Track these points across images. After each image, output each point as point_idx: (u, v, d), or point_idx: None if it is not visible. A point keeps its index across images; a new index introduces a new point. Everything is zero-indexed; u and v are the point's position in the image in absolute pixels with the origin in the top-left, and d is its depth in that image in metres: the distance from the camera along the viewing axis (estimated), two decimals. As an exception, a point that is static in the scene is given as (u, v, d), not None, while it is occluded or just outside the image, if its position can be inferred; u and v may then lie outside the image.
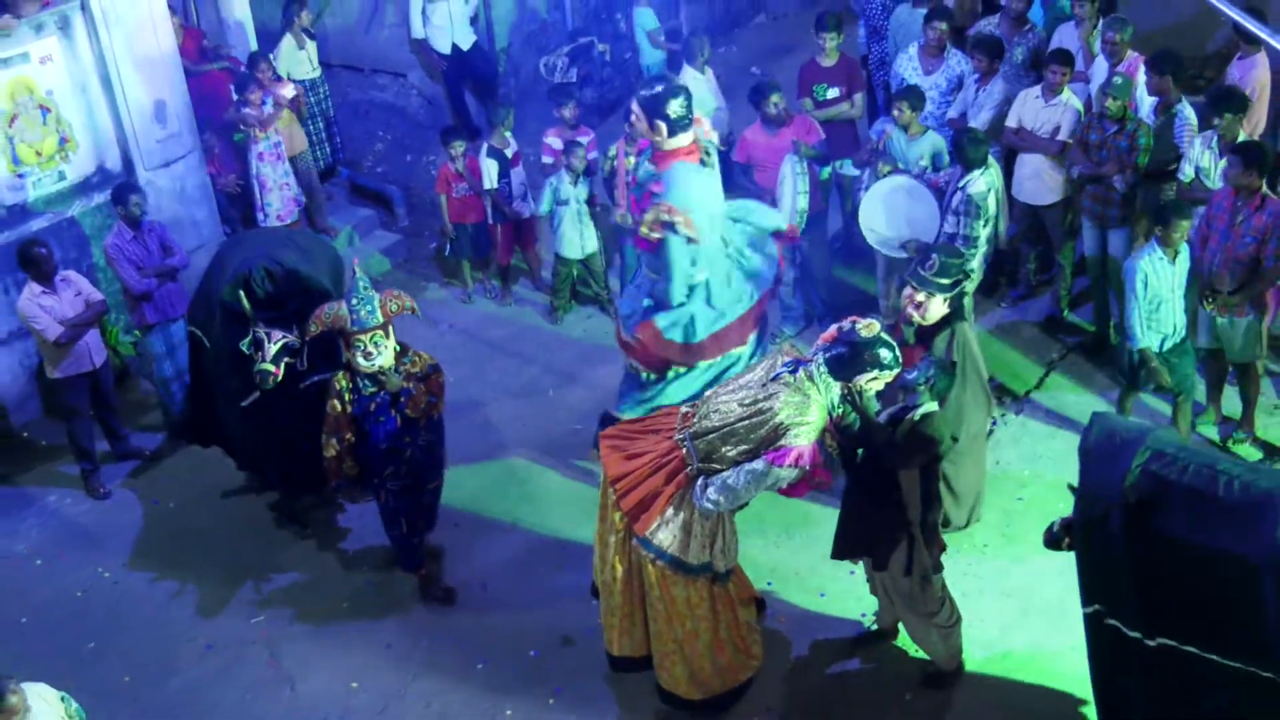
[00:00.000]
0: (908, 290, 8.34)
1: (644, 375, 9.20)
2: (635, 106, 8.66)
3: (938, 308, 8.22)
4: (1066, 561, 6.91)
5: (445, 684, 8.43)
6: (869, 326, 7.16)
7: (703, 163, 8.80)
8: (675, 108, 8.48)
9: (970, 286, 8.76)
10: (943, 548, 7.57)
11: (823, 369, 7.14)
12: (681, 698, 7.88)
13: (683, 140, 8.63)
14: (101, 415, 10.36)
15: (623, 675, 8.21)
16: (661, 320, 8.90)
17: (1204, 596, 6.35)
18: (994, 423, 8.69)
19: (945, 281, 8.15)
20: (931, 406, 7.36)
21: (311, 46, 12.75)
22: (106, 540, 9.88)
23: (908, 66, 11.06)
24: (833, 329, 7.33)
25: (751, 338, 9.19)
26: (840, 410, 7.27)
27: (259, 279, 8.75)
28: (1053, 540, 6.96)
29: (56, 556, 9.77)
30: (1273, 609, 6.01)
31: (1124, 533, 6.36)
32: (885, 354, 7.10)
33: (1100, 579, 6.66)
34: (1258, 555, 5.97)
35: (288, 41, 12.59)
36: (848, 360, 7.09)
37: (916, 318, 8.29)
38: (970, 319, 8.60)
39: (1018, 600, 8.37)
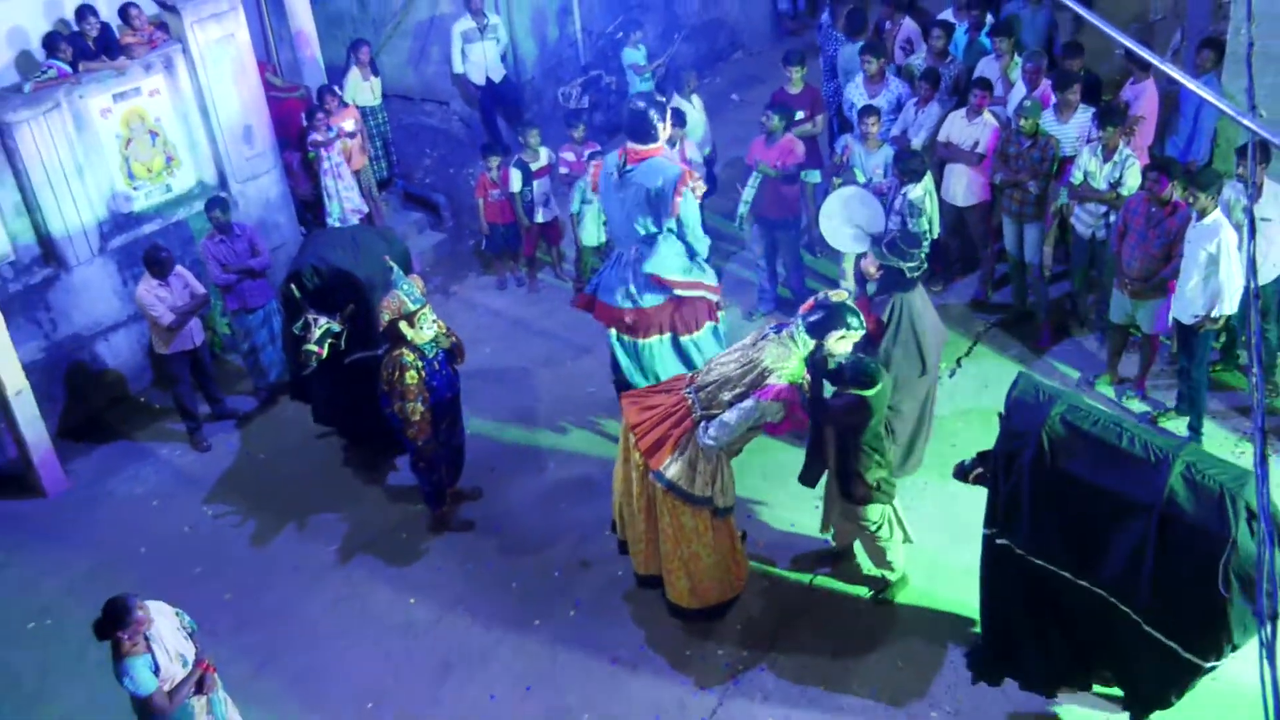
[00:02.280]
0: (868, 261, 8.67)
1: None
2: (659, 117, 8.64)
3: (874, 269, 8.54)
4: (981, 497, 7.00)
5: (486, 599, 8.51)
6: (838, 295, 7.48)
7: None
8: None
9: (915, 273, 8.81)
10: (874, 486, 7.60)
11: (801, 329, 7.39)
12: (684, 608, 8.00)
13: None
14: (201, 383, 10.42)
15: (631, 594, 8.33)
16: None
17: (1093, 531, 6.42)
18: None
19: (889, 256, 8.39)
20: (871, 391, 7.32)
21: (376, 81, 12.74)
22: (209, 485, 9.94)
23: (855, 92, 11.09)
24: (810, 300, 7.57)
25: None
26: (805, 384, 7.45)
27: (308, 274, 8.98)
28: (961, 474, 7.14)
29: (169, 498, 9.84)
30: (1151, 547, 6.11)
31: (1033, 467, 6.45)
32: (851, 318, 7.34)
33: (1005, 506, 6.74)
34: (1149, 500, 6.05)
35: (354, 74, 12.58)
36: (823, 321, 7.32)
37: (870, 272, 8.57)
38: (919, 293, 8.63)
39: (950, 529, 8.41)
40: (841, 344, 7.39)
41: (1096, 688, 7.18)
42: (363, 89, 12.59)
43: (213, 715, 6.78)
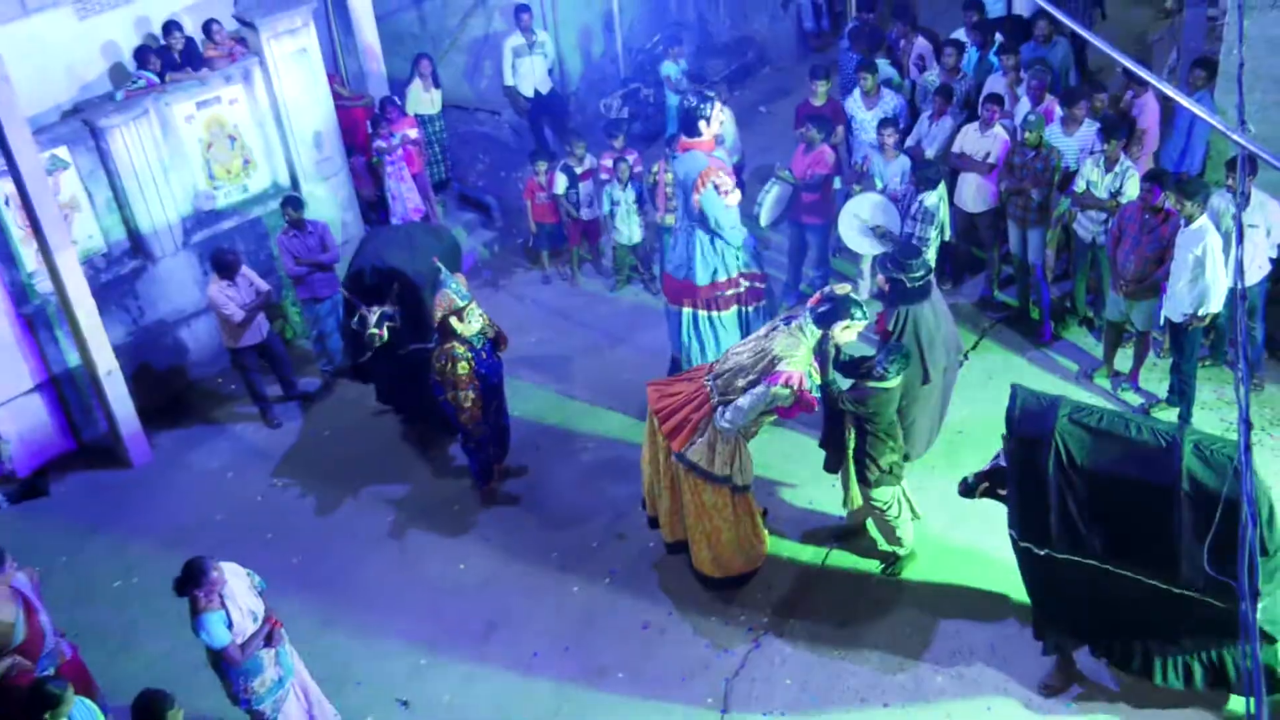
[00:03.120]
0: (880, 275, 8.54)
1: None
2: (706, 114, 8.88)
3: (881, 281, 8.42)
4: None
5: (529, 566, 8.56)
6: (841, 287, 7.47)
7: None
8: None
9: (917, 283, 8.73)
10: (888, 469, 7.59)
11: (809, 320, 7.37)
12: (707, 575, 8.01)
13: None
14: (275, 368, 10.44)
15: (661, 563, 8.34)
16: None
17: (1121, 519, 6.30)
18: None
19: (892, 272, 8.26)
20: (887, 384, 7.33)
21: (436, 92, 12.73)
22: (279, 459, 10.01)
23: (854, 105, 11.03)
24: (817, 294, 7.57)
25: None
26: (819, 379, 7.42)
27: (368, 273, 9.11)
28: (967, 490, 7.02)
29: (242, 470, 9.91)
30: (1180, 526, 6.01)
31: (1054, 469, 6.32)
32: (855, 310, 7.33)
33: (1022, 510, 6.62)
34: (1168, 482, 5.97)
35: (415, 85, 12.58)
36: (828, 312, 7.32)
37: (883, 286, 8.43)
38: (933, 297, 8.46)
39: (957, 508, 8.35)
40: (846, 334, 7.40)
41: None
42: (423, 99, 12.62)
43: (280, 665, 6.84)
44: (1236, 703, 6.73)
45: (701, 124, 8.87)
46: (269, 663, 6.76)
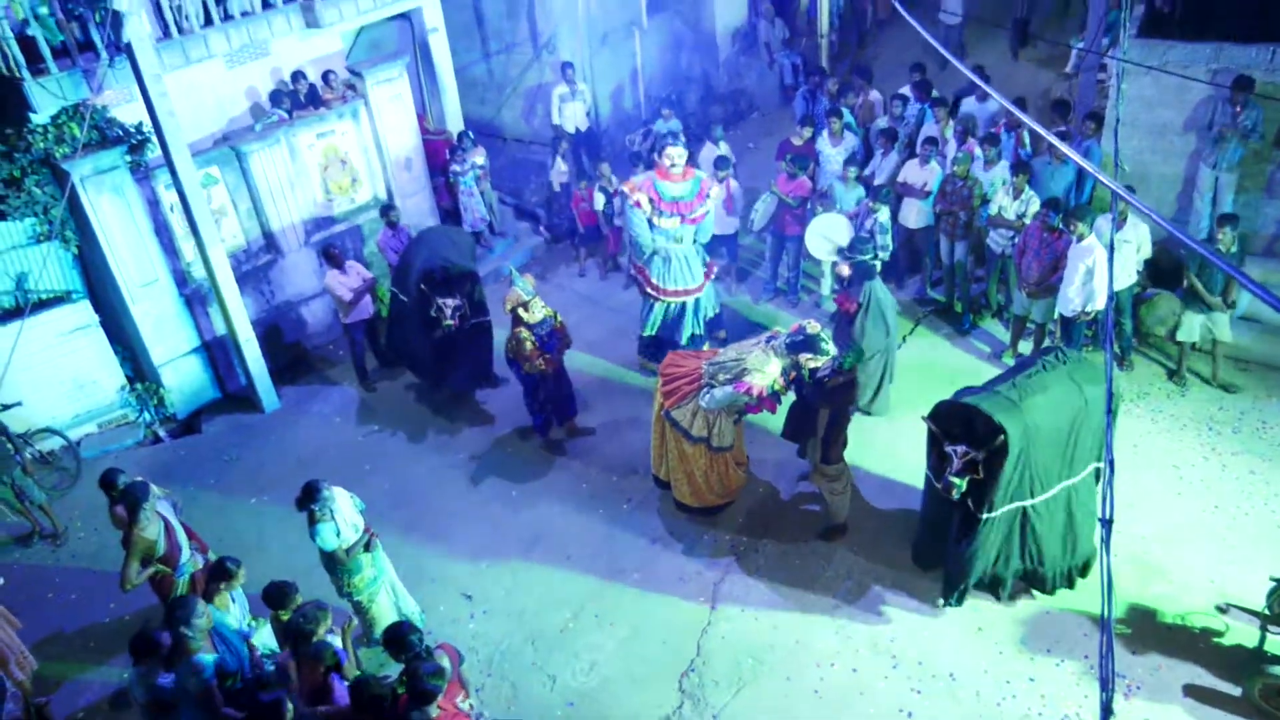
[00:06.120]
0: (842, 264, 8.62)
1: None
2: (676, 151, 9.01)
3: (846, 269, 8.46)
4: (918, 434, 7.00)
5: (566, 493, 8.63)
6: (812, 326, 7.29)
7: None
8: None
9: (875, 260, 8.74)
10: (844, 445, 7.50)
11: (783, 346, 7.27)
12: (688, 505, 8.06)
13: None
14: (372, 341, 10.47)
15: (664, 494, 8.35)
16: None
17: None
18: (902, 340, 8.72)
19: (855, 257, 8.40)
20: (849, 361, 7.21)
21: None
22: (375, 408, 10.07)
23: (822, 144, 10.97)
24: (795, 325, 7.41)
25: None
26: (793, 371, 7.34)
27: (438, 270, 9.04)
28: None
29: (347, 417, 10.00)
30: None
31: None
32: (821, 345, 7.20)
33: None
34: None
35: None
36: (800, 344, 7.21)
37: (844, 273, 8.52)
38: (879, 282, 8.56)
39: (894, 458, 8.44)
40: (810, 362, 7.22)
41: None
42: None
43: (375, 566, 6.95)
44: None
45: (655, 157, 9.18)
46: (367, 564, 6.87)
